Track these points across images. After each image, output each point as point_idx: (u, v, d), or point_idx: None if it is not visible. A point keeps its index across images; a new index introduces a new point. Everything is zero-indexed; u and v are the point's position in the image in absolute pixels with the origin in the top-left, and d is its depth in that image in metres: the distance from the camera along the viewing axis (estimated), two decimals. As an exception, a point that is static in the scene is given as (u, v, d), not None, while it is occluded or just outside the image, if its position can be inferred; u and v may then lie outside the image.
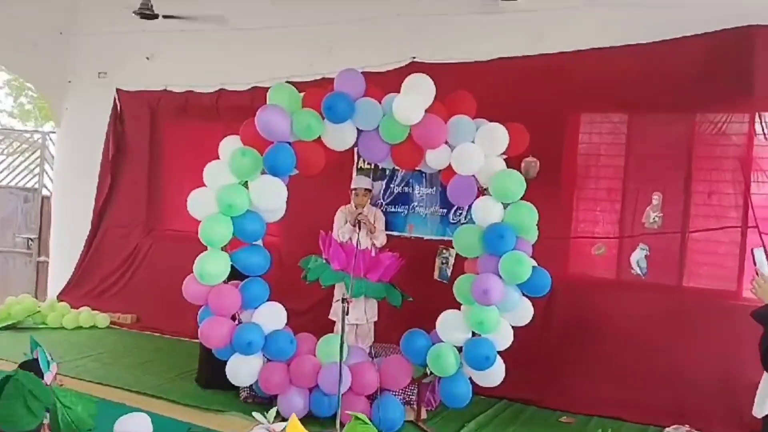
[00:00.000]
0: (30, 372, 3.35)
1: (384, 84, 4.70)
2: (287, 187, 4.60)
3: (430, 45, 5.90)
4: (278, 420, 3.28)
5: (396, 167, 5.52)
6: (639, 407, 4.82)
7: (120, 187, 7.73)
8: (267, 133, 4.45)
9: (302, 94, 4.62)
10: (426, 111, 4.41)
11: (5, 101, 15.76)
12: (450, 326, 4.47)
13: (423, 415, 4.70)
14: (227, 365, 4.55)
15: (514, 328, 4.49)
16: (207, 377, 5.19)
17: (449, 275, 5.57)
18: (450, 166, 4.53)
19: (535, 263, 4.41)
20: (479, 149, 4.44)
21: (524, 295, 4.46)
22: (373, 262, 5.24)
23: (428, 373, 4.55)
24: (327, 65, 5.84)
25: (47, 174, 8.83)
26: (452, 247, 5.26)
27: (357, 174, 5.99)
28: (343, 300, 4.21)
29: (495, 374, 4.44)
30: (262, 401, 4.66)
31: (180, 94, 7.28)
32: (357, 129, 4.58)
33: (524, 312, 4.50)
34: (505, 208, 4.41)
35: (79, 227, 7.84)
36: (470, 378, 4.52)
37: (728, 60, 4.82)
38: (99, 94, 7.78)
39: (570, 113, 5.50)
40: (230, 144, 4.57)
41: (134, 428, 3.61)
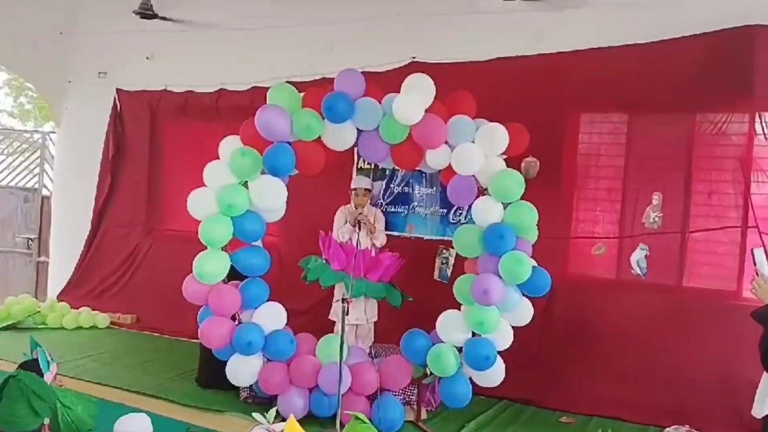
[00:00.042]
0: (31, 372, 3.36)
1: (384, 84, 4.70)
2: (287, 187, 4.61)
3: (430, 45, 5.90)
4: (278, 420, 3.27)
5: (396, 167, 5.52)
6: (639, 407, 4.82)
7: (120, 187, 7.73)
8: (267, 133, 4.45)
9: (302, 94, 4.62)
10: (426, 111, 4.41)
11: (5, 101, 15.77)
12: (450, 326, 4.47)
13: (423, 416, 4.70)
14: (227, 365, 4.55)
15: (514, 328, 4.49)
16: (207, 377, 5.19)
17: (449, 275, 5.57)
18: (450, 166, 4.53)
19: (535, 263, 4.41)
20: (479, 149, 4.44)
21: (524, 295, 4.46)
22: (373, 263, 5.24)
23: (428, 374, 4.55)
24: (327, 65, 5.85)
25: (47, 174, 8.83)
26: (452, 247, 5.26)
27: (357, 174, 5.99)
28: (343, 300, 4.21)
29: (495, 374, 4.44)
30: (262, 401, 4.66)
31: (180, 94, 7.28)
32: (357, 129, 4.58)
33: (524, 312, 4.50)
34: (505, 208, 4.41)
35: (79, 227, 7.84)
36: (470, 378, 4.52)
37: (728, 60, 4.81)
38: (99, 94, 7.78)
39: (570, 113, 5.49)
40: (230, 144, 4.57)
41: (134, 428, 3.60)
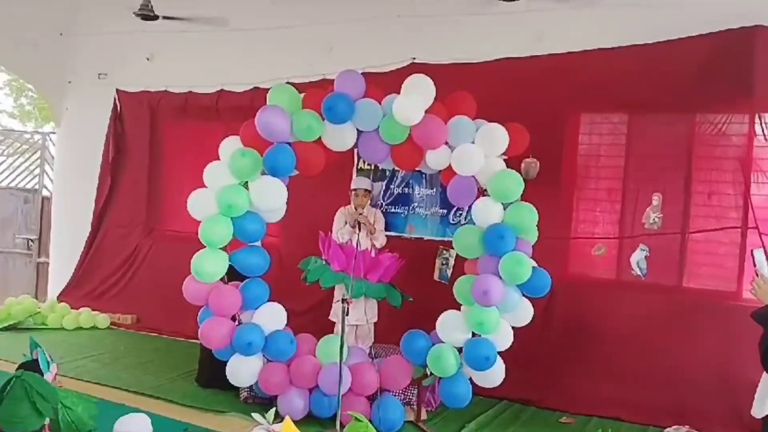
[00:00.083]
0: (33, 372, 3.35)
1: (384, 84, 4.70)
2: (287, 188, 4.61)
3: (430, 45, 5.89)
4: (278, 421, 3.27)
5: (396, 168, 5.52)
6: (639, 407, 4.82)
7: (120, 188, 7.72)
8: (267, 134, 4.45)
9: (302, 95, 4.62)
10: (426, 111, 4.41)
11: (5, 102, 15.76)
12: (450, 327, 4.47)
13: (423, 416, 4.69)
14: (227, 366, 4.55)
15: (514, 329, 4.49)
16: (207, 377, 5.19)
17: (449, 276, 5.57)
18: (450, 167, 4.53)
19: (535, 264, 4.41)
20: (479, 150, 4.44)
21: (524, 296, 4.45)
22: (373, 263, 5.24)
23: (428, 374, 4.54)
24: (327, 65, 5.84)
25: (47, 175, 8.83)
26: (452, 248, 5.26)
27: (357, 175, 5.99)
28: (343, 300, 4.21)
29: (495, 375, 4.44)
30: (263, 402, 4.66)
31: (180, 95, 7.27)
32: (357, 130, 4.58)
33: (524, 312, 4.50)
34: (505, 209, 4.41)
35: (79, 228, 7.84)
36: (470, 378, 4.53)
37: (728, 60, 4.81)
38: (99, 95, 7.78)
39: (570, 113, 5.49)
40: (230, 144, 4.57)
41: (134, 428, 3.60)
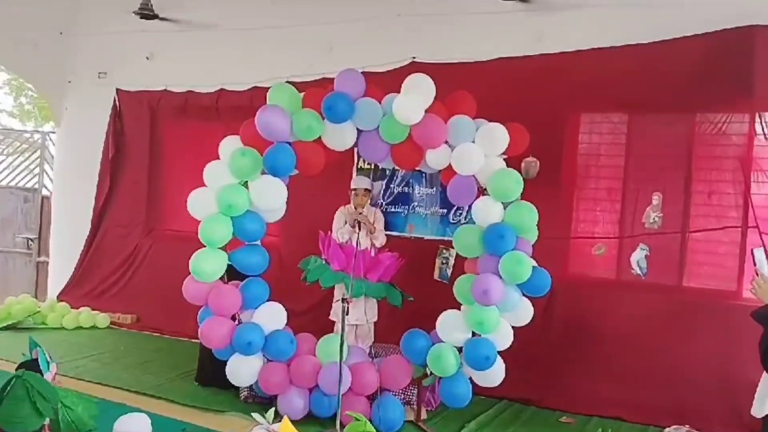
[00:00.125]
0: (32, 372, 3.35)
1: (384, 84, 4.70)
2: (287, 187, 4.61)
3: (430, 45, 5.89)
4: (277, 420, 3.27)
5: (396, 167, 5.52)
6: (639, 407, 4.82)
7: (120, 187, 7.72)
8: (267, 134, 4.45)
9: (302, 95, 4.62)
10: (426, 111, 4.41)
11: (5, 101, 15.74)
12: (450, 326, 4.47)
13: (423, 415, 4.69)
14: (227, 366, 4.55)
15: (514, 328, 4.49)
16: (206, 376, 5.20)
17: (449, 275, 5.57)
18: (450, 166, 4.53)
19: (535, 263, 4.40)
20: (479, 149, 4.44)
21: (524, 295, 4.45)
22: (373, 263, 5.23)
23: (428, 374, 4.54)
24: (327, 65, 5.83)
25: (47, 174, 8.82)
26: (452, 247, 5.26)
27: (357, 174, 5.98)
28: (343, 300, 4.21)
29: (495, 374, 4.44)
30: (263, 401, 4.66)
31: (180, 94, 7.27)
32: (357, 129, 4.58)
33: (524, 312, 4.50)
34: (505, 208, 4.41)
35: (79, 227, 7.83)
36: (470, 378, 4.52)
37: (728, 60, 4.81)
38: (99, 94, 7.77)
39: (570, 113, 5.49)
40: (230, 144, 4.57)
41: (134, 428, 3.61)
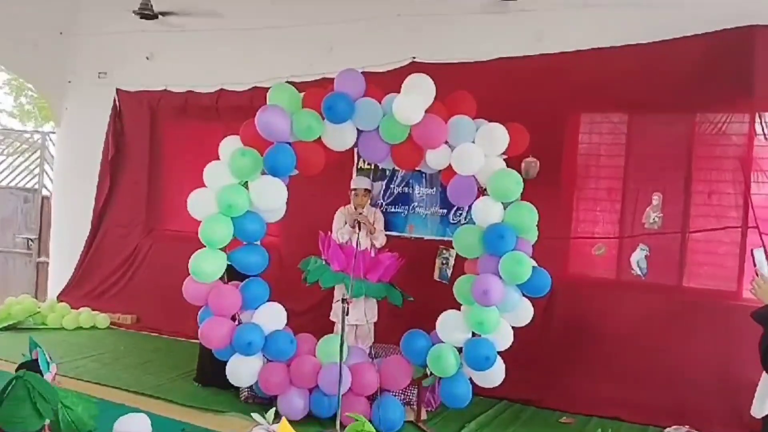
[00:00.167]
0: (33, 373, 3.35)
1: (384, 84, 4.70)
2: (287, 188, 4.61)
3: (430, 45, 5.89)
4: (277, 421, 3.27)
5: (396, 167, 5.51)
6: (639, 407, 4.82)
7: (120, 188, 7.72)
8: (267, 134, 4.45)
9: (302, 95, 4.62)
10: (426, 111, 4.41)
11: (5, 101, 15.73)
12: (450, 327, 4.47)
13: (423, 416, 4.69)
14: (227, 366, 4.55)
15: (514, 329, 4.49)
16: (206, 376, 5.20)
17: (449, 276, 5.57)
18: (450, 167, 4.53)
19: (535, 263, 4.40)
20: (479, 149, 4.44)
21: (524, 296, 4.45)
22: (373, 263, 5.23)
23: (428, 374, 4.54)
24: (327, 65, 5.83)
25: (47, 174, 8.82)
26: (452, 248, 5.25)
27: (357, 174, 5.98)
28: (343, 300, 4.21)
29: (495, 375, 4.44)
30: (263, 402, 4.65)
31: (180, 94, 7.27)
32: (357, 129, 4.58)
33: (524, 312, 4.50)
34: (505, 209, 4.41)
35: (79, 227, 7.83)
36: (470, 378, 4.52)
37: (728, 60, 4.81)
38: (99, 94, 7.77)
39: (570, 113, 5.49)
40: (230, 144, 4.57)
41: (133, 428, 3.60)
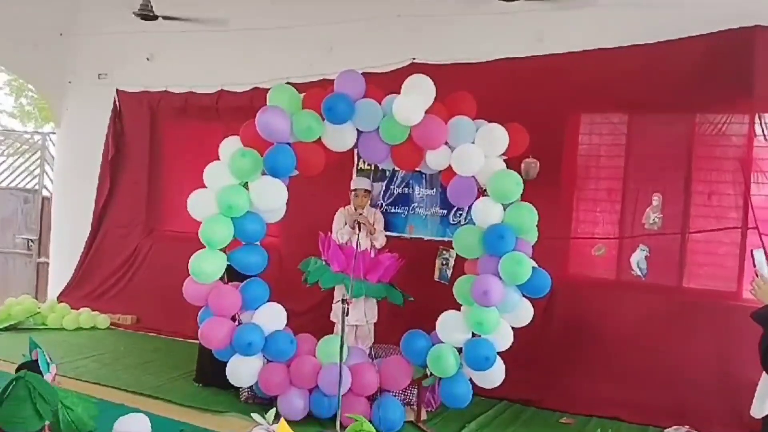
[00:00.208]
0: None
1: (384, 84, 4.71)
2: (287, 188, 4.61)
3: (430, 45, 5.89)
4: (277, 421, 3.27)
5: (396, 168, 5.52)
6: (639, 408, 4.82)
7: (120, 188, 7.72)
8: (267, 134, 4.45)
9: (302, 95, 4.62)
10: (426, 112, 4.41)
11: (5, 102, 15.72)
12: (450, 327, 4.47)
13: (423, 416, 4.69)
14: (227, 366, 4.55)
15: (514, 329, 4.49)
16: (206, 375, 5.20)
17: (449, 276, 5.57)
18: (450, 167, 4.53)
19: (535, 264, 4.40)
20: (479, 150, 4.44)
21: (524, 296, 4.45)
22: (373, 264, 5.23)
23: (428, 374, 4.54)
24: (327, 66, 5.83)
25: (47, 175, 8.81)
26: (452, 248, 5.25)
27: (357, 175, 5.98)
28: (343, 300, 4.21)
29: (495, 375, 4.44)
30: (263, 402, 4.65)
31: (180, 95, 7.27)
32: (357, 130, 4.58)
33: (524, 313, 4.50)
34: (505, 209, 4.41)
35: (79, 228, 7.83)
36: (470, 379, 4.52)
37: (728, 60, 4.81)
38: (99, 95, 7.78)
39: (570, 113, 5.49)
40: (230, 145, 4.57)
41: (133, 429, 3.60)
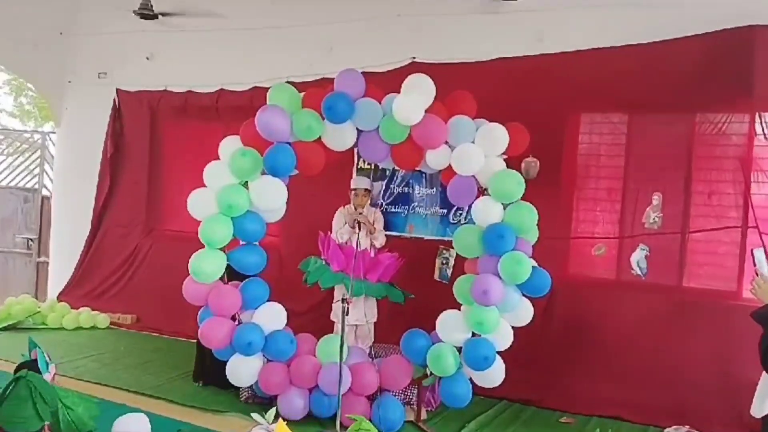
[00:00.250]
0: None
1: (384, 84, 4.70)
2: (287, 187, 4.61)
3: (430, 45, 5.89)
4: (277, 421, 3.28)
5: (396, 167, 5.52)
6: (639, 407, 4.82)
7: (120, 188, 7.72)
8: (267, 134, 4.45)
9: (302, 95, 4.62)
10: (426, 111, 4.41)
11: (5, 101, 15.72)
12: (450, 326, 4.46)
13: (423, 416, 4.69)
14: (228, 366, 4.55)
15: (514, 329, 4.49)
16: (205, 373, 5.21)
17: (449, 275, 5.57)
18: (450, 167, 4.53)
19: (535, 263, 4.40)
20: (479, 149, 4.44)
21: (524, 296, 4.45)
22: (373, 263, 5.23)
23: (428, 374, 4.54)
24: (327, 65, 5.83)
25: (47, 174, 8.82)
26: (452, 248, 5.26)
27: (357, 174, 5.98)
28: (343, 300, 4.21)
29: (495, 374, 4.44)
30: (263, 402, 4.66)
31: (180, 94, 7.27)
32: (357, 129, 4.58)
33: (524, 312, 4.49)
34: (505, 209, 4.41)
35: (79, 227, 7.84)
36: (470, 378, 4.52)
37: (728, 60, 4.81)
38: (99, 94, 7.78)
39: (570, 113, 5.49)
40: (230, 144, 4.57)
41: (133, 428, 3.61)
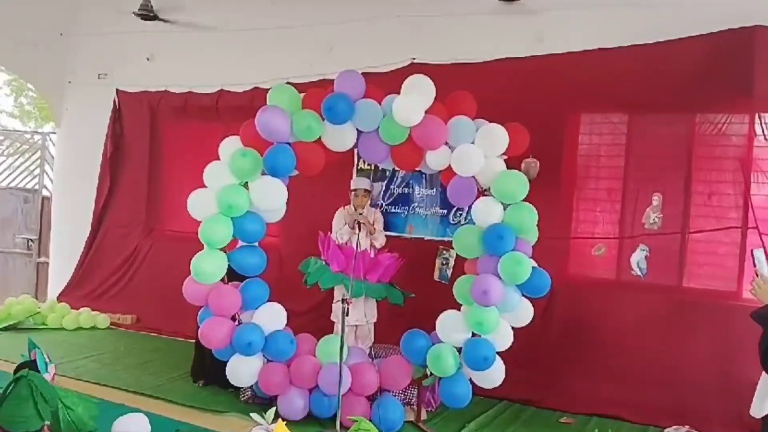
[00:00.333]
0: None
1: (384, 85, 4.70)
2: (287, 188, 4.61)
3: (430, 45, 5.89)
4: (276, 421, 3.28)
5: (396, 168, 5.52)
6: (639, 407, 4.82)
7: (120, 188, 7.73)
8: (267, 134, 4.45)
9: (302, 95, 4.62)
10: (426, 112, 4.41)
11: (5, 101, 15.73)
12: (450, 327, 4.47)
13: (423, 416, 4.69)
14: (227, 366, 4.55)
15: (514, 329, 4.49)
16: (202, 371, 5.22)
17: (449, 276, 5.57)
18: (450, 167, 4.53)
19: (535, 264, 4.40)
20: (479, 150, 4.44)
21: (524, 296, 4.45)
22: (373, 263, 5.23)
23: (428, 374, 4.54)
24: (327, 66, 5.84)
25: (47, 175, 8.82)
26: (452, 248, 5.26)
27: (357, 175, 5.99)
28: (343, 300, 4.21)
29: (495, 375, 4.44)
30: (263, 402, 4.65)
31: (180, 95, 7.27)
32: (357, 130, 4.58)
33: (524, 312, 4.49)
34: (505, 209, 4.41)
35: (79, 228, 7.84)
36: (470, 378, 4.52)
37: (728, 60, 4.81)
38: (99, 95, 7.78)
39: (570, 113, 5.49)
40: (230, 145, 4.57)
41: (132, 428, 3.62)
